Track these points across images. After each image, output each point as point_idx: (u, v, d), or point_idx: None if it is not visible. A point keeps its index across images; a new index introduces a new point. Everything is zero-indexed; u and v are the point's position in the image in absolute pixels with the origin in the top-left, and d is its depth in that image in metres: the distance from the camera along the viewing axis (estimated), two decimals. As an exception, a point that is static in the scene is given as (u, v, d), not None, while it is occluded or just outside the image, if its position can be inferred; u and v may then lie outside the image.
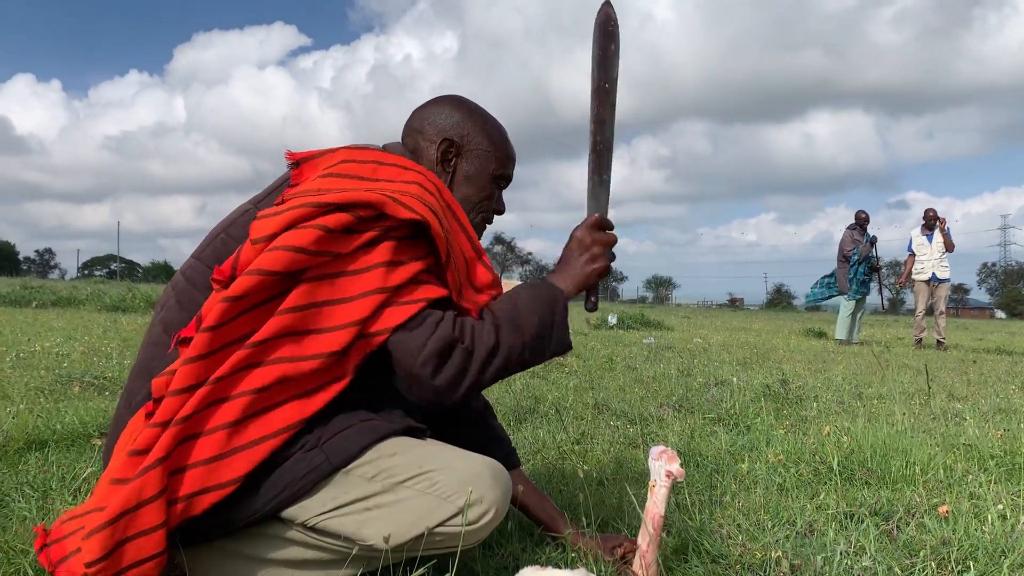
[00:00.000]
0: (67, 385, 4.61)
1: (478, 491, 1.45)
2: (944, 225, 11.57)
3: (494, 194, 1.83)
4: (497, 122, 1.85)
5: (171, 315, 1.60)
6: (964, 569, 1.85)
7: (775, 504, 2.37)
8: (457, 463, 1.48)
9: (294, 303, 1.43)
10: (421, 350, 1.47)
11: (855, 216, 12.17)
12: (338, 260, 1.47)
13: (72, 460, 2.73)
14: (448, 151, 1.77)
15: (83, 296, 14.27)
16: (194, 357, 1.42)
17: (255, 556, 1.47)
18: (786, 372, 6.25)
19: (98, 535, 1.30)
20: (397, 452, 1.49)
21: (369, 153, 1.64)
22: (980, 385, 6.03)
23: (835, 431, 3.29)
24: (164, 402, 1.40)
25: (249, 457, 1.39)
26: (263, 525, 1.46)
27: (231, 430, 1.39)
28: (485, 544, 1.90)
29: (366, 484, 1.45)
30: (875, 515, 2.26)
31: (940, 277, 11.54)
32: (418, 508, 1.43)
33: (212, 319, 1.43)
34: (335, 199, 1.46)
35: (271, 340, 1.42)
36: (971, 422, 3.78)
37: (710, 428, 3.71)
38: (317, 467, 1.44)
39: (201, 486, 1.37)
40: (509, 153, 1.84)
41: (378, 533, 1.42)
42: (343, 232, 1.46)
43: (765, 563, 1.80)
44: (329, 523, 1.43)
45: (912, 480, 2.66)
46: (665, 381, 5.50)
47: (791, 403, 4.50)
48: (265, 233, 1.46)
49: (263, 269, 1.43)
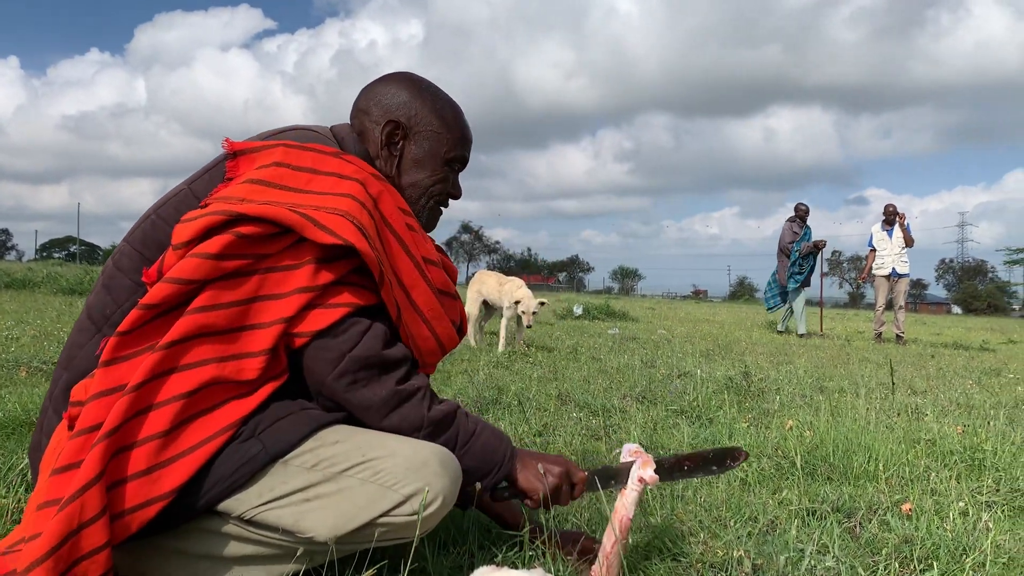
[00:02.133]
0: (13, 370, 4.45)
1: (424, 479, 1.38)
2: (904, 220, 11.71)
3: (448, 178, 1.73)
4: (450, 100, 1.75)
5: (96, 299, 1.51)
6: (927, 568, 1.83)
7: (737, 500, 2.34)
8: (402, 450, 1.41)
9: (208, 302, 1.36)
10: (338, 362, 1.41)
11: (795, 208, 12.30)
12: (268, 258, 1.41)
13: (12, 448, 2.61)
14: (394, 133, 1.67)
15: (39, 278, 13.88)
16: (107, 361, 1.34)
17: (196, 553, 1.39)
18: (748, 364, 6.26)
19: (41, 567, 1.20)
20: (339, 440, 1.41)
21: (307, 157, 1.52)
22: (939, 380, 6.10)
23: (798, 425, 3.28)
24: (85, 408, 1.32)
25: (188, 464, 1.32)
26: (201, 520, 1.37)
27: (164, 439, 1.31)
28: (440, 542, 1.83)
29: (306, 474, 1.37)
30: (837, 511, 2.24)
31: (900, 272, 11.69)
32: (361, 498, 1.36)
33: (125, 325, 1.36)
34: (253, 212, 1.38)
35: (189, 340, 1.35)
36: (931, 417, 3.80)
37: (672, 420, 3.68)
38: (253, 457, 1.36)
39: (142, 499, 1.28)
40: (463, 134, 1.74)
41: (318, 525, 1.35)
42: (266, 237, 1.40)
43: (727, 562, 1.76)
44: (267, 515, 1.35)
45: (874, 476, 2.64)
46: (629, 372, 5.47)
47: (753, 396, 4.49)
48: (183, 239, 1.39)
49: (179, 278, 1.36)
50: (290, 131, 1.65)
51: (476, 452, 1.54)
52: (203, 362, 1.35)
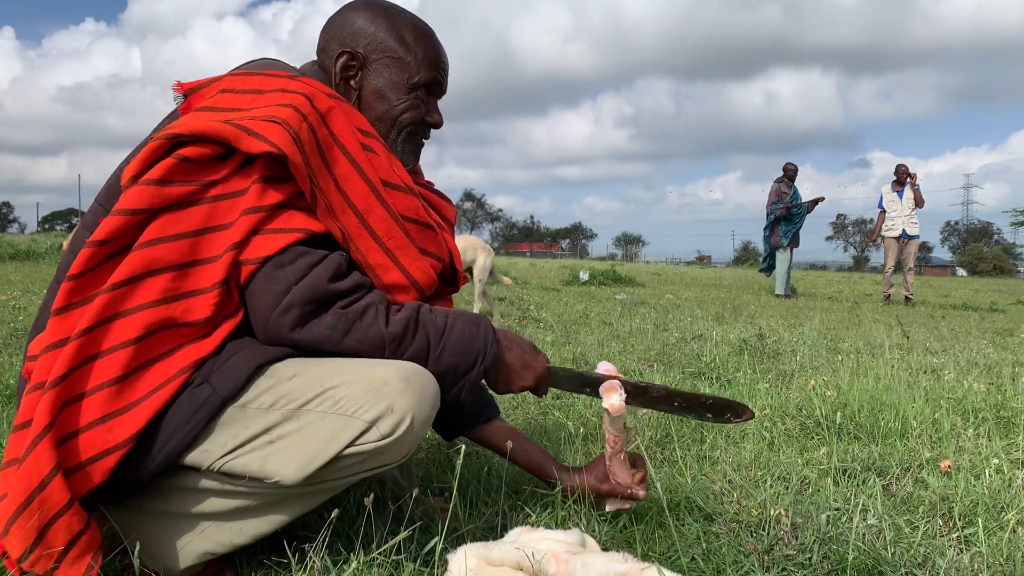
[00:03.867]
0: (22, 338, 4.42)
1: (386, 399, 1.27)
2: (915, 181, 11.55)
3: (419, 105, 1.58)
4: (414, 19, 1.59)
5: (63, 259, 1.43)
6: (967, 525, 1.79)
7: (765, 460, 2.30)
8: (361, 373, 1.30)
9: (156, 235, 1.27)
10: (283, 295, 1.30)
11: (783, 168, 12.15)
12: (216, 184, 1.31)
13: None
14: (349, 65, 1.54)
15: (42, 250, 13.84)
16: (59, 309, 1.27)
17: (185, 512, 1.32)
18: (762, 327, 6.21)
19: (14, 526, 1.16)
20: (296, 374, 1.32)
21: (252, 80, 1.41)
22: (952, 340, 6.05)
23: (820, 385, 3.23)
24: (38, 361, 1.25)
25: (143, 411, 1.24)
26: (180, 478, 1.30)
27: (118, 386, 1.23)
28: (471, 503, 1.79)
29: (265, 415, 1.29)
30: (868, 470, 2.20)
31: (910, 233, 11.56)
32: (322, 432, 1.27)
33: (75, 267, 1.27)
34: (186, 129, 1.29)
35: (137, 279, 1.26)
36: (952, 376, 3.75)
37: (691, 382, 3.63)
38: (205, 402, 1.28)
39: (100, 448, 1.21)
40: (428, 56, 1.57)
41: (283, 467, 1.26)
42: (209, 161, 1.31)
43: (763, 521, 1.72)
44: (233, 464, 1.27)
45: (903, 435, 2.60)
46: (641, 336, 5.43)
47: (769, 357, 4.45)
48: (130, 174, 1.30)
49: (125, 209, 1.27)
50: (251, 63, 1.57)
51: (453, 347, 1.42)
52: (153, 303, 1.26)
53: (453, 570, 1.33)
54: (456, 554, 1.35)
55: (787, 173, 12.07)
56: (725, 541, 1.61)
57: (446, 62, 1.63)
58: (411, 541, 1.41)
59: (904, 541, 1.63)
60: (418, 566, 1.36)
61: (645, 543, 1.63)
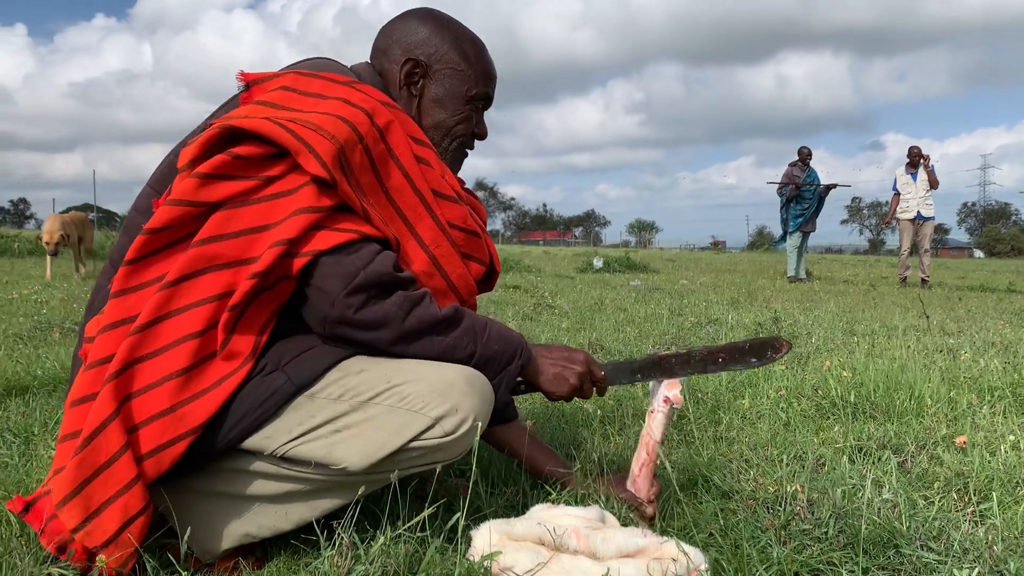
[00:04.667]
0: (46, 331, 4.49)
1: (452, 400, 1.34)
2: (928, 163, 11.45)
3: (471, 117, 1.67)
4: (472, 35, 1.67)
5: (117, 244, 1.50)
6: (982, 500, 1.81)
7: (782, 439, 2.32)
8: (428, 373, 1.37)
9: (215, 231, 1.32)
10: (352, 278, 1.34)
11: (798, 152, 12.08)
12: (272, 182, 1.35)
13: (54, 405, 2.64)
14: (413, 72, 1.61)
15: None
16: (116, 292, 1.33)
17: (234, 494, 1.38)
18: (777, 311, 6.22)
19: (71, 502, 1.23)
20: (365, 369, 1.38)
21: (316, 83, 1.46)
22: (969, 321, 6.03)
23: (836, 366, 3.25)
24: (96, 341, 1.32)
25: (214, 398, 1.30)
26: (235, 460, 1.36)
27: (184, 377, 1.29)
28: (492, 481, 1.83)
29: (333, 405, 1.35)
30: (884, 448, 2.22)
31: (925, 215, 11.48)
32: (389, 424, 1.33)
33: (131, 252, 1.34)
34: (246, 125, 1.33)
35: (195, 275, 1.31)
36: (969, 355, 3.75)
37: (707, 365, 3.65)
38: (279, 389, 1.34)
39: (171, 436, 1.27)
40: (486, 70, 1.66)
41: (350, 455, 1.32)
42: (266, 159, 1.35)
43: (780, 497, 1.75)
44: (299, 450, 1.33)
45: (919, 413, 2.62)
46: (657, 321, 5.45)
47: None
48: (187, 160, 1.35)
49: (179, 199, 1.32)
50: (310, 60, 1.62)
51: (494, 338, 1.49)
52: (216, 297, 1.31)
53: (477, 546, 1.37)
54: (479, 530, 1.39)
55: (801, 157, 12.00)
56: (742, 517, 1.64)
57: (496, 78, 1.71)
58: (435, 518, 1.45)
59: (919, 515, 1.66)
60: (442, 542, 1.40)
61: (663, 519, 1.67)
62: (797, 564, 1.41)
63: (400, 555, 1.32)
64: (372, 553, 1.32)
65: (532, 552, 1.32)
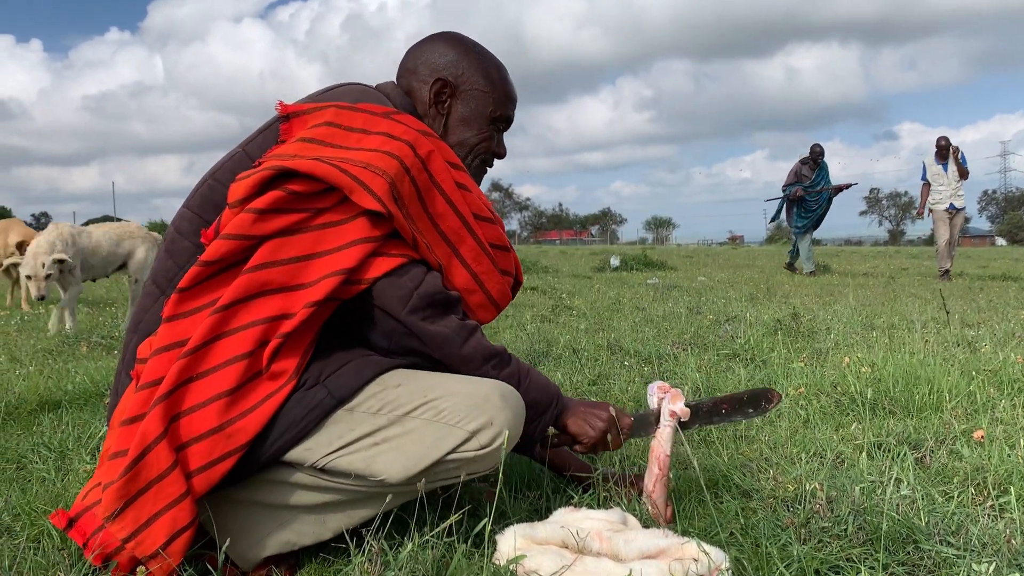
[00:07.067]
0: (74, 346, 4.58)
1: (487, 414, 1.41)
2: (958, 154, 11.22)
3: (493, 137, 1.75)
4: (496, 60, 1.76)
5: (160, 264, 1.57)
6: (1001, 494, 1.82)
7: (801, 437, 2.34)
8: (463, 389, 1.44)
9: (266, 259, 1.40)
10: (408, 298, 1.44)
11: (810, 149, 11.87)
12: (323, 213, 1.43)
13: (87, 419, 2.70)
14: (442, 92, 1.69)
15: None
16: (169, 317, 1.41)
17: (273, 503, 1.44)
18: (796, 306, 6.21)
19: (122, 514, 1.30)
20: (401, 383, 1.45)
21: (358, 118, 1.54)
22: (990, 312, 6.00)
23: (855, 362, 3.26)
24: (148, 364, 1.39)
25: (260, 415, 1.37)
26: (276, 472, 1.42)
27: (232, 396, 1.36)
28: (515, 487, 1.87)
29: (372, 418, 1.41)
30: (903, 444, 2.23)
31: (957, 206, 11.25)
32: (427, 438, 1.40)
33: (185, 280, 1.42)
34: (302, 167, 1.41)
35: (247, 300, 1.39)
36: (989, 348, 3.75)
37: (725, 364, 3.68)
38: (320, 403, 1.40)
39: (220, 453, 1.34)
40: (508, 93, 1.75)
41: (389, 467, 1.39)
42: (317, 194, 1.43)
43: (800, 496, 1.77)
44: (339, 462, 1.40)
45: (938, 408, 2.63)
46: (675, 320, 5.46)
47: (804, 336, 4.46)
48: (238, 196, 1.43)
49: (233, 234, 1.40)
50: (341, 87, 1.67)
51: (535, 384, 1.59)
52: (266, 320, 1.39)
53: (502, 550, 1.41)
54: (504, 535, 1.43)
55: (812, 154, 11.77)
56: (763, 516, 1.67)
57: (517, 101, 1.80)
58: (461, 524, 1.49)
59: (938, 510, 1.68)
60: (469, 547, 1.44)
61: (685, 519, 1.70)
62: (817, 561, 1.44)
63: (428, 560, 1.36)
64: (401, 559, 1.36)
65: (556, 555, 1.36)
